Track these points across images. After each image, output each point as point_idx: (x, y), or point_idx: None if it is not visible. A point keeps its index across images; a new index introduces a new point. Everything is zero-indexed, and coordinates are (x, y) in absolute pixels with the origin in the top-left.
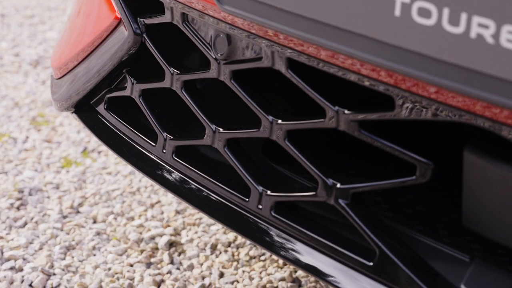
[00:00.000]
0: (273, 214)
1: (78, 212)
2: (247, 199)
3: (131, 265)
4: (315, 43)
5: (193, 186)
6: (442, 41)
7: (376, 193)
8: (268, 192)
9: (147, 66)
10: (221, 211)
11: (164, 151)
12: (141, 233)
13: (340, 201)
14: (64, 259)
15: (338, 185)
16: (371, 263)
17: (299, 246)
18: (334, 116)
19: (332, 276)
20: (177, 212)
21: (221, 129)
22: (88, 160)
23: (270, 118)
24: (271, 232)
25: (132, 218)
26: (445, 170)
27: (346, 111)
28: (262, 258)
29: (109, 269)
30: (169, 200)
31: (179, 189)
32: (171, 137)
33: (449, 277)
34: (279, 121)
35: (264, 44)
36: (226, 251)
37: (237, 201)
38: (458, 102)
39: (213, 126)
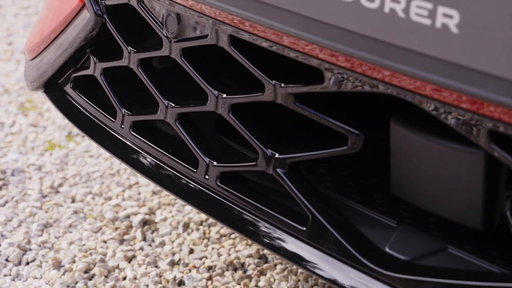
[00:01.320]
0: (218, 183)
1: (57, 192)
2: (195, 170)
3: (105, 242)
4: (250, 19)
5: (148, 159)
6: (360, 16)
7: (321, 167)
8: (214, 163)
9: (108, 46)
10: (172, 182)
11: (123, 126)
12: (117, 212)
13: (278, 170)
14: (41, 235)
15: (277, 155)
16: (304, 228)
17: (240, 213)
18: (272, 90)
19: (269, 240)
20: (154, 193)
21: (173, 104)
22: (72, 144)
23: (216, 92)
24: (216, 201)
25: (110, 198)
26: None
27: (282, 85)
28: (232, 236)
29: (84, 245)
30: (147, 182)
31: (135, 161)
32: (129, 112)
33: (376, 241)
34: (224, 95)
35: (208, 22)
36: (197, 229)
37: (187, 172)
38: (378, 75)
39: (166, 102)
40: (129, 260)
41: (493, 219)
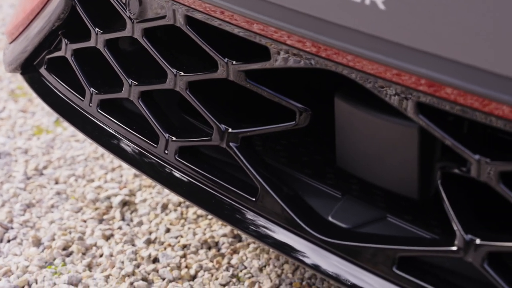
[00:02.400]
0: (176, 158)
1: (42, 174)
2: (156, 146)
3: (84, 221)
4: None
5: (114, 136)
6: None
7: (280, 144)
8: (173, 138)
9: (78, 29)
10: (135, 158)
11: (90, 104)
12: (98, 194)
13: (231, 144)
14: (23, 215)
15: (230, 130)
16: (254, 199)
17: (196, 185)
18: (224, 67)
19: (221, 210)
20: (136, 176)
21: (135, 83)
22: (59, 129)
23: (174, 71)
24: (175, 174)
25: (92, 180)
26: None
27: (233, 62)
28: (209, 217)
29: (64, 224)
30: None
31: (102, 139)
32: (96, 91)
33: (321, 211)
34: (181, 73)
35: (167, 3)
36: (175, 210)
37: (149, 148)
38: (317, 51)
39: (130, 80)
40: (107, 238)
41: (428, 189)
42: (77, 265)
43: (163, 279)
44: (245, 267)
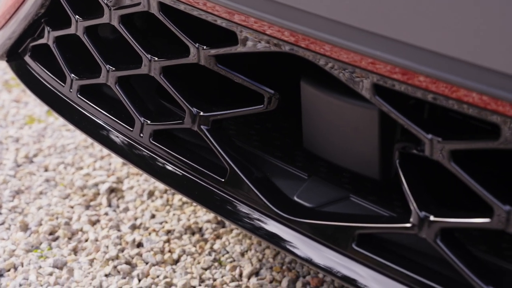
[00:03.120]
0: (151, 141)
1: (31, 161)
2: (132, 129)
3: (72, 207)
4: None
5: (93, 120)
6: None
7: (253, 128)
8: (148, 122)
9: (60, 16)
10: (112, 140)
11: (71, 90)
12: (87, 181)
13: (202, 127)
14: (12, 201)
15: (201, 113)
16: (223, 179)
17: (169, 166)
18: (195, 52)
19: (191, 191)
20: (124, 164)
21: (113, 68)
22: (51, 119)
23: (149, 56)
24: (150, 157)
25: (81, 168)
26: None
27: (204, 47)
28: (195, 204)
29: (51, 210)
30: None
31: (81, 123)
32: (77, 77)
33: (287, 191)
34: (155, 58)
35: None
36: (161, 197)
37: (125, 132)
38: (279, 35)
39: (107, 66)
40: (93, 224)
41: (389, 170)
42: (62, 249)
43: (146, 263)
44: (227, 252)
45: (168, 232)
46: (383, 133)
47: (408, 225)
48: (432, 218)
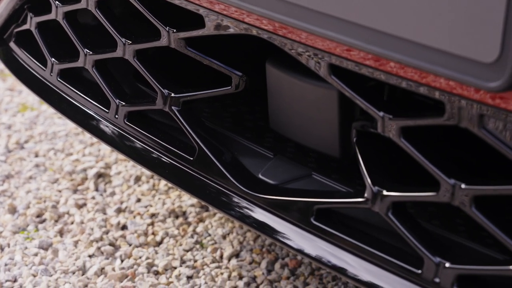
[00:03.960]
0: (125, 122)
1: (22, 147)
2: (107, 111)
3: (59, 191)
4: None
5: (70, 102)
6: None
7: (228, 111)
8: (123, 103)
9: (42, 3)
10: (90, 121)
11: (51, 74)
12: (76, 166)
13: (173, 108)
14: (1, 185)
15: (172, 95)
16: (192, 158)
17: (142, 145)
18: (166, 36)
19: (163, 170)
20: (113, 150)
21: (90, 52)
22: (44, 107)
23: (123, 40)
24: (125, 137)
25: (71, 154)
26: None
27: (174, 31)
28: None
29: (39, 193)
30: None
31: (60, 105)
32: (57, 61)
33: (252, 169)
34: (129, 42)
35: None
36: (148, 182)
37: (101, 113)
38: (244, 18)
39: (85, 50)
40: (80, 207)
41: (349, 148)
42: (49, 231)
43: (130, 245)
44: (209, 235)
45: (153, 215)
46: (342, 113)
47: (362, 199)
48: (384, 192)
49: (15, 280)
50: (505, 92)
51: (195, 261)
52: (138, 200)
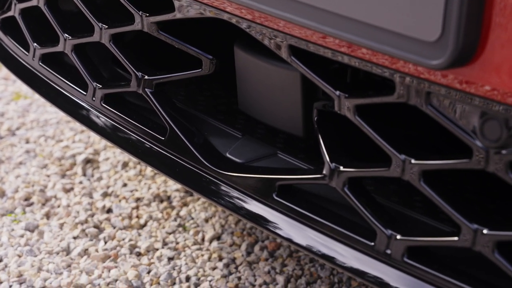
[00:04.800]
0: (102, 104)
1: (14, 134)
2: (85, 93)
3: (48, 176)
4: None
5: (51, 86)
6: None
7: (203, 95)
8: (100, 86)
9: None
10: (67, 102)
11: (33, 58)
12: (65, 152)
13: (146, 90)
14: None
15: (146, 77)
16: (163, 138)
17: (115, 126)
18: (140, 20)
19: (136, 149)
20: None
21: (69, 37)
22: (37, 95)
23: (100, 24)
24: (101, 119)
25: (61, 141)
26: None
27: (146, 15)
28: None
29: (28, 178)
30: None
31: (42, 89)
32: (39, 46)
33: (220, 148)
34: (106, 26)
35: None
36: (135, 168)
37: (79, 96)
38: (212, 2)
39: (65, 35)
40: (67, 191)
41: (312, 128)
42: (35, 214)
43: (114, 227)
44: (192, 218)
45: (138, 199)
46: (305, 94)
47: (321, 175)
48: (341, 168)
49: (0, 260)
50: (447, 70)
51: (177, 243)
52: (124, 185)
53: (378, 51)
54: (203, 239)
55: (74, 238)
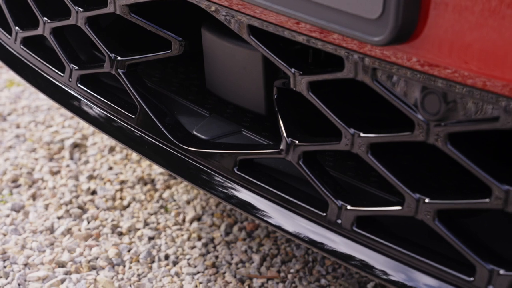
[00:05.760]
0: (78, 84)
1: (5, 119)
2: (62, 75)
3: (36, 159)
4: None
5: (31, 68)
6: None
7: (176, 77)
8: (76, 68)
9: None
10: (46, 84)
11: (15, 42)
12: (54, 137)
13: (119, 70)
14: None
15: (118, 58)
16: (134, 116)
17: (90, 105)
18: (112, 3)
19: (107, 127)
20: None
21: (48, 20)
22: None
23: (76, 8)
24: (77, 98)
25: (51, 126)
26: None
27: None
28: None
29: (17, 161)
30: None
31: (22, 70)
32: (20, 30)
33: (188, 126)
34: (81, 9)
35: None
36: (121, 152)
37: (57, 77)
38: None
39: (44, 19)
40: (54, 174)
41: (273, 106)
42: (22, 195)
43: (97, 208)
44: (174, 200)
45: (122, 182)
46: (266, 73)
47: (278, 150)
48: (296, 143)
49: None
50: (389, 46)
51: (158, 223)
52: (110, 168)
53: (324, 28)
54: (183, 220)
55: (58, 218)
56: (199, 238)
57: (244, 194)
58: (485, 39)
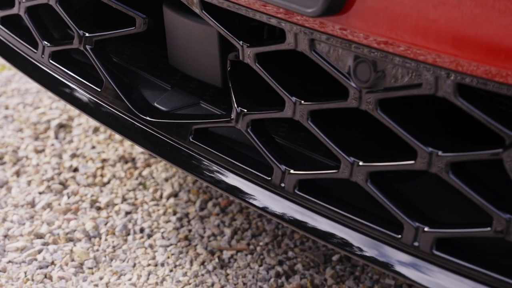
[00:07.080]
0: (50, 61)
1: None
2: (36, 51)
3: (22, 138)
4: None
5: (7, 45)
6: None
7: (147, 54)
8: (48, 44)
9: None
10: (20, 60)
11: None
12: (41, 118)
13: (87, 46)
14: None
15: (86, 34)
16: (100, 89)
17: (58, 79)
18: None
19: (77, 101)
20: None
21: (23, 0)
22: None
23: None
24: (46, 72)
25: (38, 107)
26: None
27: None
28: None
29: (3, 140)
30: None
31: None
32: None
33: (150, 99)
34: None
35: None
36: (105, 132)
37: (31, 54)
38: None
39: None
40: (38, 152)
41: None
42: (6, 172)
43: (78, 184)
44: (153, 178)
45: (104, 160)
46: (222, 47)
47: (229, 119)
48: (245, 111)
49: None
50: (322, 17)
51: (136, 199)
52: (93, 147)
53: (264, 1)
54: (161, 196)
55: (40, 193)
56: (174, 213)
57: (198, 161)
58: (405, 12)
